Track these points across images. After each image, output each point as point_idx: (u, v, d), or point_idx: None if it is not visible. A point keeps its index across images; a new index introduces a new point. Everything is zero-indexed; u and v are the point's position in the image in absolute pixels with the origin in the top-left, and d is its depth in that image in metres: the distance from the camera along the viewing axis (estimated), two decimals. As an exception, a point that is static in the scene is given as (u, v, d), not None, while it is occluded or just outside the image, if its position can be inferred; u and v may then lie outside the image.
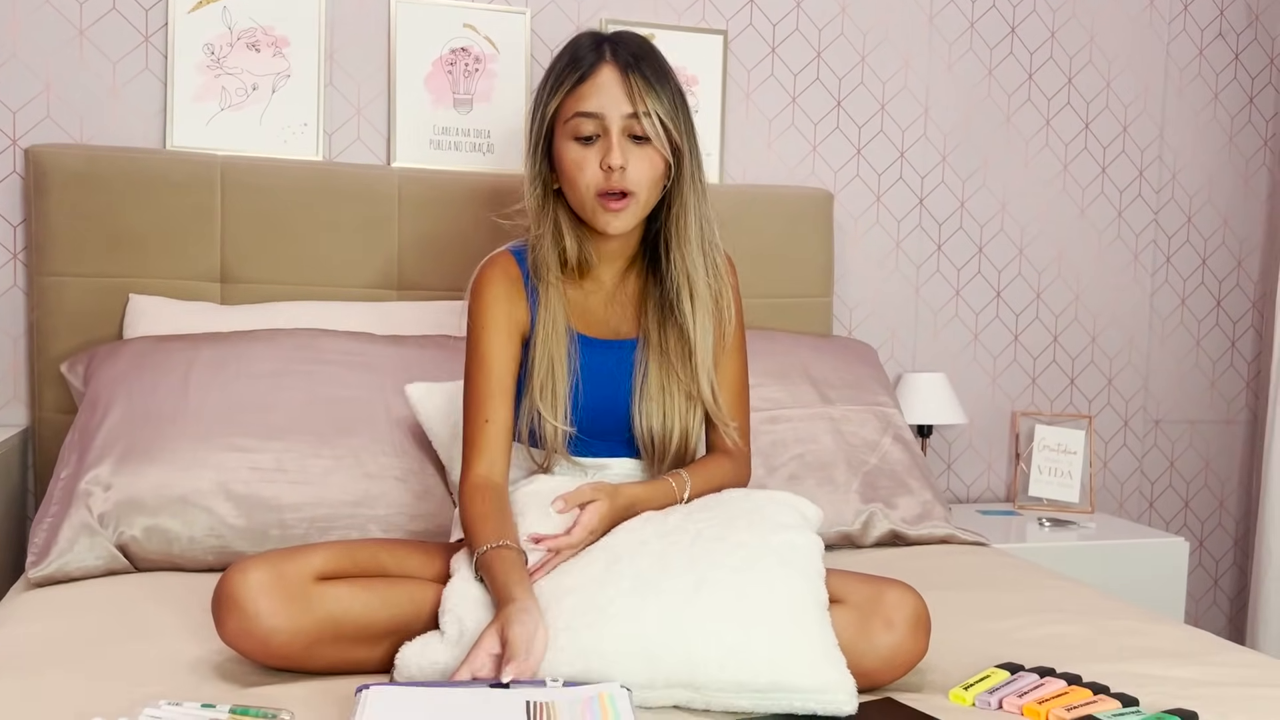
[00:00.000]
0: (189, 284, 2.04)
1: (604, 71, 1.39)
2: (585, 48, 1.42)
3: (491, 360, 1.42)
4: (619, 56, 1.39)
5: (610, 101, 1.38)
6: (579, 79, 1.39)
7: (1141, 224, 2.77)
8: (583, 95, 1.39)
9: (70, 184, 1.97)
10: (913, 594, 1.26)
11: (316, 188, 2.09)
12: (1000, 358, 2.69)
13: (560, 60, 1.44)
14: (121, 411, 1.68)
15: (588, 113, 1.38)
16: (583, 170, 1.39)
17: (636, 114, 1.38)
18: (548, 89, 1.43)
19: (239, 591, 1.17)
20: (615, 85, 1.38)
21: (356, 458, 1.68)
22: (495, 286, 1.45)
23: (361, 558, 1.29)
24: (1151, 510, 2.85)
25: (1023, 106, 2.65)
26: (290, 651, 1.19)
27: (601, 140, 1.39)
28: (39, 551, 1.55)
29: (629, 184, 1.39)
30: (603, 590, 1.19)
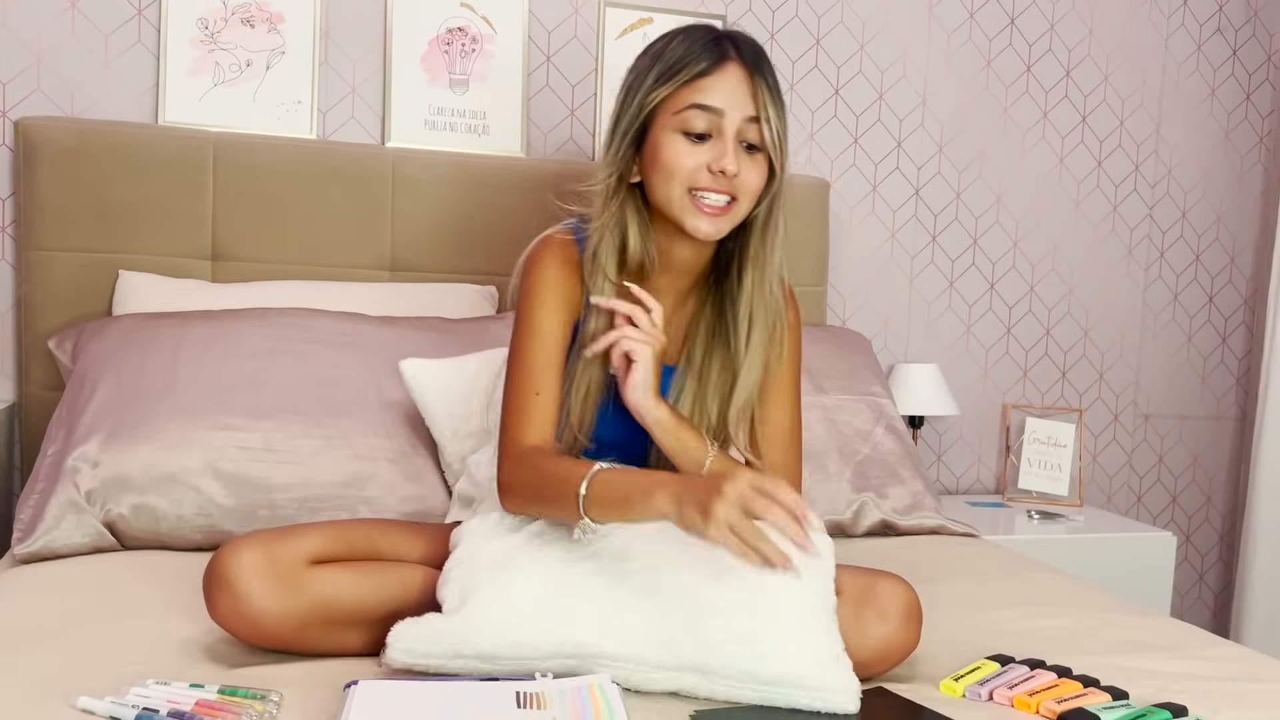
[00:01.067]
0: (180, 261, 2.02)
1: (730, 68, 1.27)
2: (704, 40, 1.29)
3: (545, 333, 1.31)
4: (745, 55, 1.29)
5: (733, 100, 1.26)
6: (701, 71, 1.27)
7: (1136, 219, 2.77)
8: (704, 88, 1.27)
9: (60, 158, 1.95)
10: (904, 586, 1.26)
11: (310, 166, 2.07)
12: (993, 350, 2.69)
13: (673, 48, 1.30)
14: (110, 388, 1.66)
15: (707, 106, 1.26)
16: (683, 165, 1.27)
17: (759, 119, 1.27)
18: (654, 76, 1.29)
19: (231, 573, 1.16)
20: (741, 84, 1.27)
21: (347, 438, 1.67)
22: (554, 263, 1.34)
23: (355, 541, 1.28)
24: (1140, 504, 2.86)
25: (1020, 98, 2.64)
26: (281, 634, 1.18)
27: (714, 141, 1.27)
28: (25, 528, 1.53)
29: (737, 189, 1.28)
30: (623, 564, 1.18)
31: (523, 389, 1.31)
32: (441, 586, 1.19)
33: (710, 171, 1.27)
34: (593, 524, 1.17)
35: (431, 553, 1.33)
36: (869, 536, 1.91)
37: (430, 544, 1.34)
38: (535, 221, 2.16)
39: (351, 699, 1.02)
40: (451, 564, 1.22)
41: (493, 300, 2.16)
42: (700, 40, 1.30)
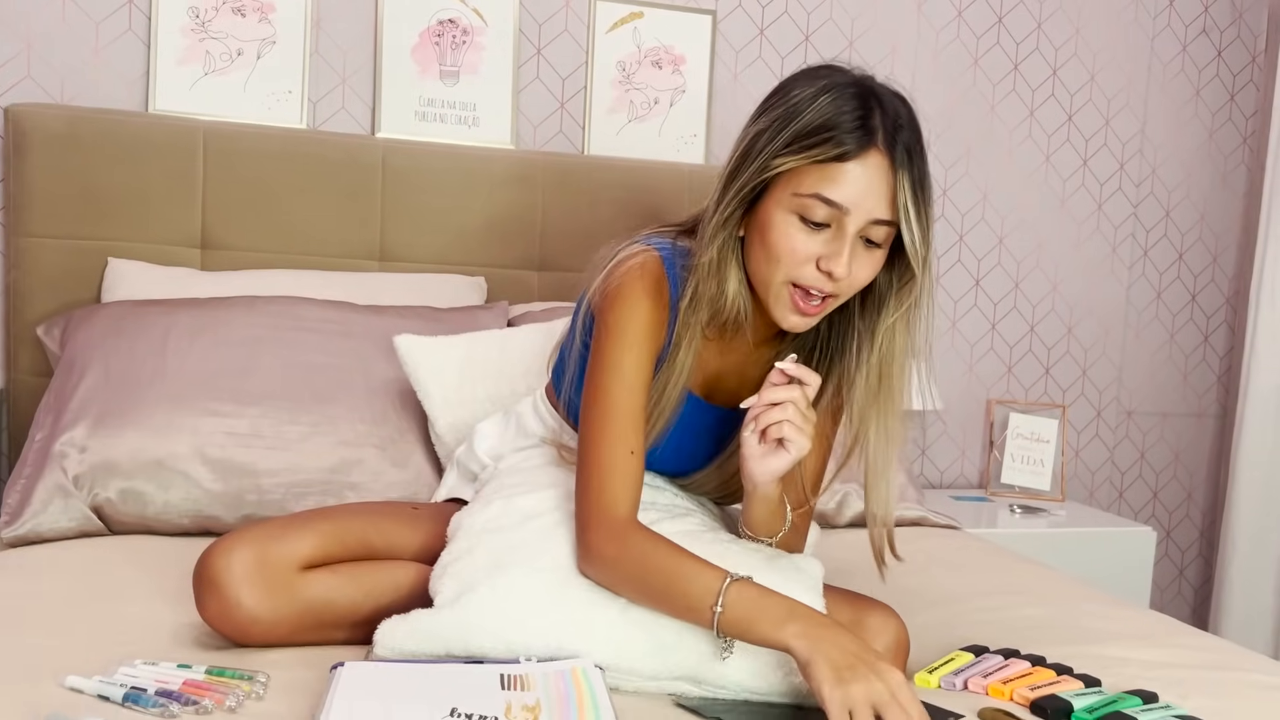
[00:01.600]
0: (169, 249, 2.03)
1: (871, 159, 1.11)
2: (851, 112, 1.12)
3: (637, 381, 1.19)
4: (890, 140, 1.12)
5: (865, 200, 1.12)
6: (838, 155, 1.11)
7: (1121, 217, 2.80)
8: (833, 178, 1.11)
9: (50, 145, 1.95)
10: (893, 620, 1.23)
11: (300, 156, 2.08)
12: (977, 345, 2.71)
13: (812, 110, 1.13)
14: (98, 374, 1.67)
15: (833, 202, 1.12)
16: (794, 255, 1.14)
17: (894, 223, 1.13)
18: (784, 140, 1.13)
19: (221, 577, 1.15)
20: (878, 181, 1.11)
21: (334, 425, 1.68)
22: (647, 299, 1.21)
23: (349, 539, 1.26)
24: (1121, 500, 2.89)
25: (1007, 96, 2.66)
26: (271, 638, 1.18)
27: (831, 234, 1.14)
28: (12, 512, 1.54)
29: (840, 290, 1.16)
30: None
31: (616, 444, 1.18)
32: (436, 579, 1.18)
33: (819, 269, 1.14)
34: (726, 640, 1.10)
35: (428, 541, 1.31)
36: (852, 527, 1.93)
37: (427, 531, 1.33)
38: (524, 213, 2.19)
39: (337, 680, 1.03)
40: (448, 556, 1.20)
41: (482, 291, 2.17)
42: (848, 110, 1.12)
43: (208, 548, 1.19)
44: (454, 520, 1.27)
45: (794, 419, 1.14)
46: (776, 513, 1.25)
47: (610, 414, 1.19)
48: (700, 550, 1.16)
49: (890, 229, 1.15)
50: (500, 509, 1.26)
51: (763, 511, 1.25)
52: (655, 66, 2.37)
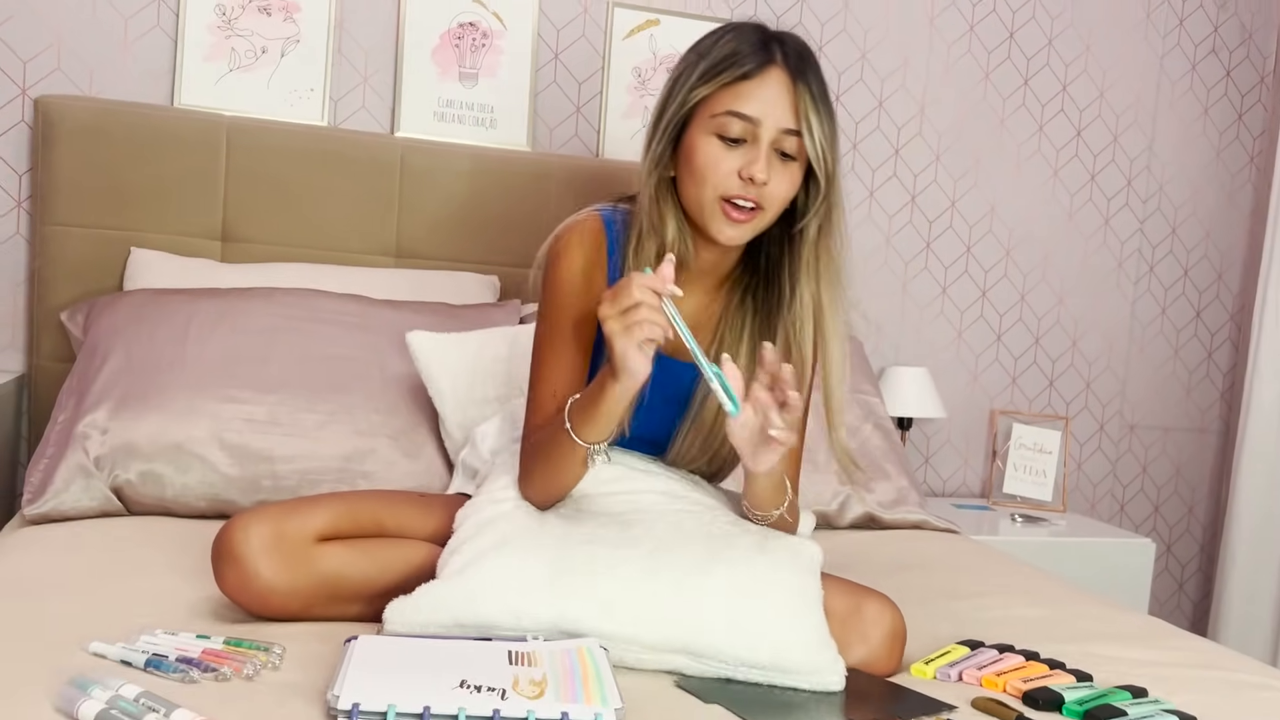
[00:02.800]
0: (190, 240, 2.07)
1: (772, 74, 1.25)
2: (750, 40, 1.27)
3: (567, 331, 1.31)
4: (789, 60, 1.26)
5: (772, 110, 1.24)
6: (742, 75, 1.25)
7: (1127, 232, 2.83)
8: (743, 94, 1.24)
9: (78, 136, 2.00)
10: (890, 609, 1.27)
11: (320, 153, 2.12)
12: (982, 356, 2.74)
13: (718, 47, 1.28)
14: (120, 359, 1.71)
15: (743, 115, 1.24)
16: (717, 169, 1.25)
17: (799, 131, 1.25)
18: (697, 75, 1.27)
19: (240, 549, 1.19)
20: (781, 93, 1.24)
21: (349, 414, 1.72)
22: (580, 255, 1.32)
23: (362, 518, 1.31)
24: (1122, 513, 2.92)
25: (1017, 111, 2.70)
26: (287, 608, 1.22)
27: (747, 147, 1.25)
28: (35, 490, 1.58)
29: (764, 199, 1.26)
30: (619, 549, 1.21)
31: (541, 389, 1.32)
32: (444, 559, 1.22)
33: (741, 178, 1.25)
34: (595, 446, 1.23)
35: (438, 527, 1.35)
36: (854, 529, 1.96)
37: (437, 517, 1.36)
38: (539, 214, 2.23)
39: (350, 653, 1.06)
40: (454, 543, 1.24)
41: (495, 289, 2.21)
42: (748, 40, 1.27)
43: (226, 523, 1.24)
44: (459, 513, 1.31)
45: (778, 422, 1.19)
46: (779, 487, 1.31)
47: (540, 361, 1.33)
48: (696, 531, 1.22)
49: (799, 139, 1.26)
50: (513, 504, 1.29)
51: (765, 487, 1.30)
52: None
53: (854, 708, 1.14)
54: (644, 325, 1.13)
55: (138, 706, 0.92)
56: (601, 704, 0.99)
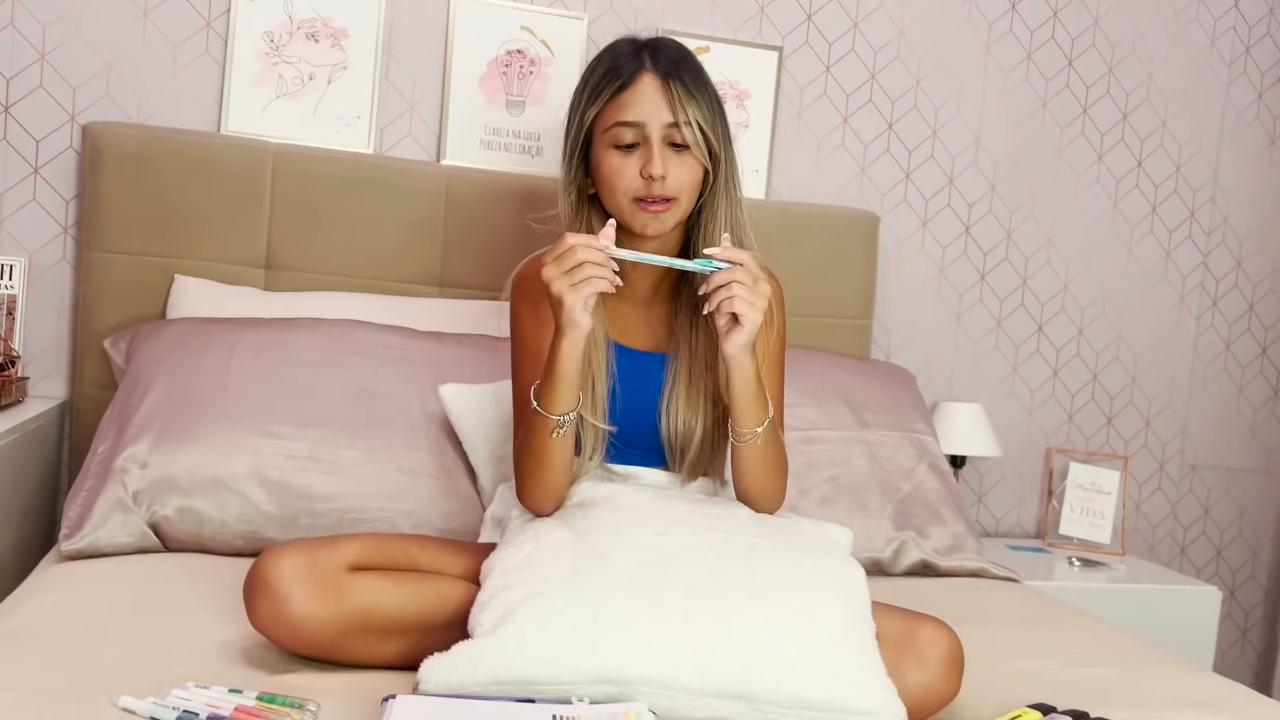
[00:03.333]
0: (234, 268, 2.05)
1: (644, 80, 1.38)
2: (624, 55, 1.41)
3: (535, 353, 1.42)
4: (659, 64, 1.39)
5: (651, 110, 1.37)
6: (619, 87, 1.38)
7: (1190, 266, 2.74)
8: (623, 104, 1.38)
9: (125, 162, 1.99)
10: (947, 631, 1.24)
11: (365, 180, 2.10)
12: (1038, 392, 2.66)
13: (598, 67, 1.43)
14: (162, 390, 1.69)
15: (628, 122, 1.38)
16: (621, 177, 1.39)
17: (677, 123, 1.37)
18: (585, 96, 1.43)
19: (272, 576, 1.17)
20: (656, 93, 1.38)
21: (390, 451, 1.69)
22: (533, 289, 1.45)
23: (394, 552, 1.30)
24: (1183, 556, 2.81)
25: (1075, 140, 2.62)
26: (319, 640, 1.19)
27: (642, 148, 1.38)
28: (72, 525, 1.56)
29: (669, 190, 1.39)
30: (655, 592, 1.17)
31: (518, 398, 1.45)
32: (475, 615, 1.18)
33: (643, 177, 1.37)
34: (559, 418, 1.31)
35: (469, 566, 1.33)
36: (908, 576, 1.89)
37: (469, 561, 1.34)
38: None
39: (389, 714, 1.02)
40: (485, 595, 1.20)
41: (538, 320, 2.17)
42: (621, 55, 1.41)
43: (258, 557, 1.21)
44: (486, 564, 1.26)
45: (740, 294, 1.29)
46: (757, 396, 1.36)
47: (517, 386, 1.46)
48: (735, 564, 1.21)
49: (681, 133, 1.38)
50: (532, 549, 1.25)
51: (744, 395, 1.35)
52: (720, 101, 2.36)
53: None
54: (591, 281, 1.24)
55: (167, 773, 0.88)
56: (652, 775, 0.94)
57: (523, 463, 1.37)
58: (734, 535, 1.28)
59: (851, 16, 2.44)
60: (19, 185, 2.05)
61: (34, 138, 2.05)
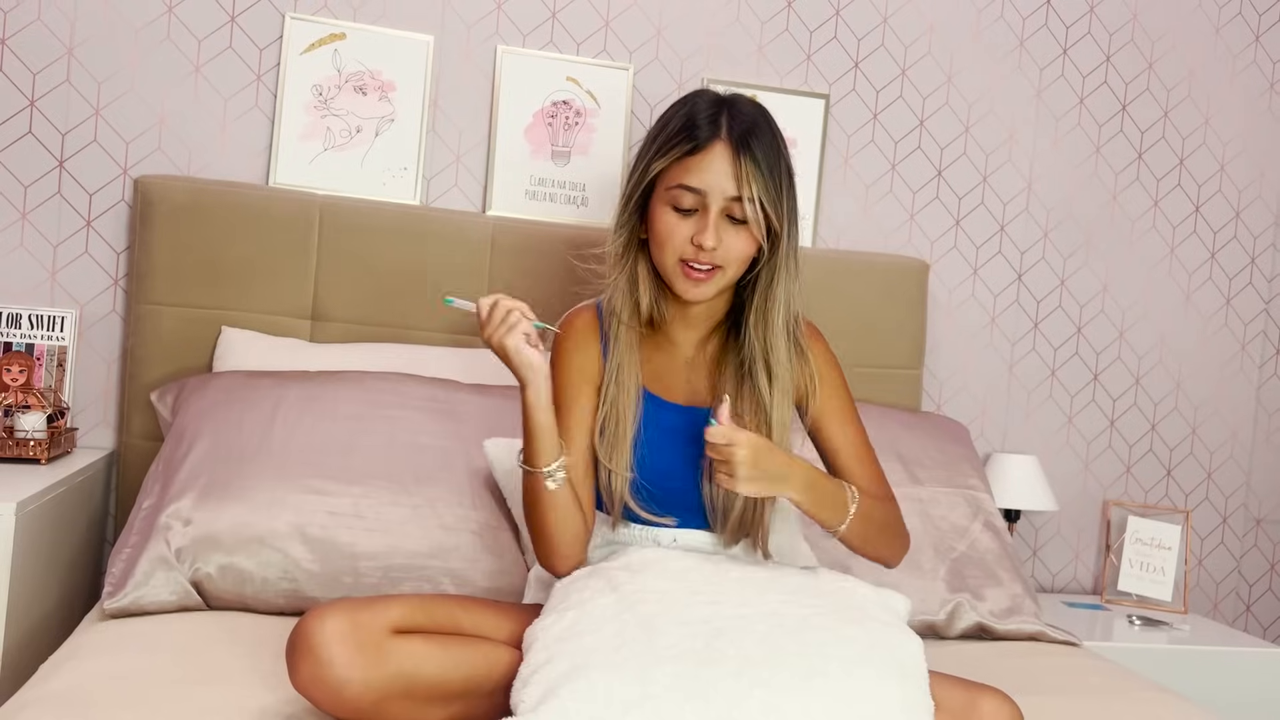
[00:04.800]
0: (281, 319, 2.06)
1: (716, 149, 1.34)
2: (701, 114, 1.37)
3: (567, 406, 1.41)
4: (733, 132, 1.35)
5: (715, 181, 1.34)
6: (690, 149, 1.35)
7: (1251, 313, 2.66)
8: (690, 168, 1.35)
9: (175, 215, 2.01)
10: (1009, 705, 1.20)
11: (412, 232, 2.10)
12: (1094, 443, 2.59)
13: (674, 121, 1.39)
14: (207, 445, 1.68)
15: (691, 188, 1.35)
16: (673, 238, 1.36)
17: (740, 198, 1.34)
18: (655, 147, 1.39)
19: (315, 639, 1.15)
20: (724, 165, 1.34)
21: (433, 508, 1.66)
22: (571, 336, 1.46)
23: (438, 614, 1.27)
24: (1248, 614, 2.71)
25: (1130, 186, 2.57)
26: (361, 704, 1.16)
27: (699, 215, 1.36)
28: (116, 582, 1.55)
29: (717, 259, 1.37)
30: (703, 668, 1.13)
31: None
32: (517, 691, 1.15)
33: (694, 244, 1.35)
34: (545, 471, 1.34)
35: (514, 631, 1.30)
36: (964, 639, 1.82)
37: (514, 625, 1.31)
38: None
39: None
40: (527, 669, 1.17)
41: (583, 371, 2.15)
42: (699, 114, 1.37)
43: (301, 617, 1.19)
44: (529, 633, 1.24)
45: (722, 470, 1.29)
46: (821, 502, 1.36)
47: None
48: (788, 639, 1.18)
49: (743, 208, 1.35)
50: (575, 616, 1.23)
51: (809, 508, 1.35)
52: (766, 149, 2.35)
53: None
54: (517, 318, 1.31)
55: None
56: None
57: (528, 520, 1.38)
58: (786, 605, 1.24)
59: (899, 63, 2.42)
60: (72, 238, 2.07)
61: (87, 191, 2.08)
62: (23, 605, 1.66)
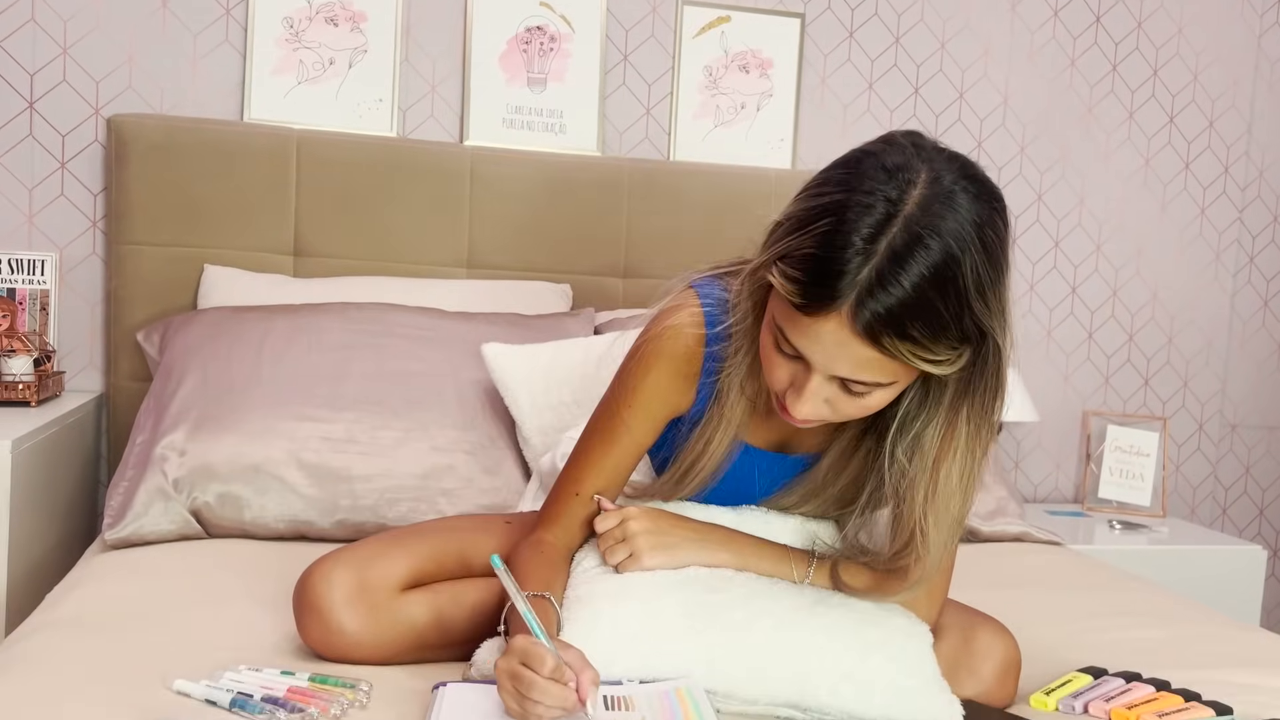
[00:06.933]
0: (263, 256, 2.05)
1: (830, 323, 0.96)
2: (833, 257, 0.95)
3: (622, 436, 1.18)
4: (865, 311, 0.94)
5: (825, 359, 0.99)
6: (800, 304, 0.97)
7: (1225, 222, 2.69)
8: (797, 324, 0.99)
9: (150, 154, 1.99)
10: (1003, 638, 1.18)
11: (390, 164, 2.09)
12: (1073, 355, 2.63)
13: (807, 235, 0.97)
14: (196, 379, 1.69)
15: (794, 345, 1.00)
16: (772, 371, 1.05)
17: (862, 383, 1.00)
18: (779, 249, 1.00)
19: (322, 602, 1.13)
20: (841, 345, 0.97)
21: (425, 430, 1.68)
22: (667, 363, 1.15)
23: (448, 559, 1.22)
24: (1225, 517, 2.77)
25: (1105, 98, 2.58)
26: (373, 660, 1.15)
27: (804, 366, 1.02)
28: (115, 514, 1.56)
29: (825, 418, 1.06)
30: (712, 594, 1.13)
31: (566, 485, 1.21)
32: None
33: (792, 389, 1.04)
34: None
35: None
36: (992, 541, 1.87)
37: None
38: (610, 219, 2.18)
39: (440, 701, 1.01)
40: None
41: (566, 298, 2.16)
42: (833, 251, 0.95)
43: (306, 570, 1.17)
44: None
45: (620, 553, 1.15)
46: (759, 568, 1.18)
47: (578, 455, 1.21)
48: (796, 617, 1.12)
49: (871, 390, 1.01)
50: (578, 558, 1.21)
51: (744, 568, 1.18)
52: (742, 71, 2.34)
53: (972, 745, 1.06)
54: (537, 718, 0.95)
55: (224, 753, 0.88)
56: (707, 747, 0.93)
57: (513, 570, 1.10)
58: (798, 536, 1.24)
59: (873, -20, 2.41)
60: (47, 180, 2.05)
61: (59, 132, 2.05)
62: (23, 541, 1.68)
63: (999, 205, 1.02)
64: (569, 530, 1.21)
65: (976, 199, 0.99)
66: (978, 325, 0.98)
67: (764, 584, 1.16)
